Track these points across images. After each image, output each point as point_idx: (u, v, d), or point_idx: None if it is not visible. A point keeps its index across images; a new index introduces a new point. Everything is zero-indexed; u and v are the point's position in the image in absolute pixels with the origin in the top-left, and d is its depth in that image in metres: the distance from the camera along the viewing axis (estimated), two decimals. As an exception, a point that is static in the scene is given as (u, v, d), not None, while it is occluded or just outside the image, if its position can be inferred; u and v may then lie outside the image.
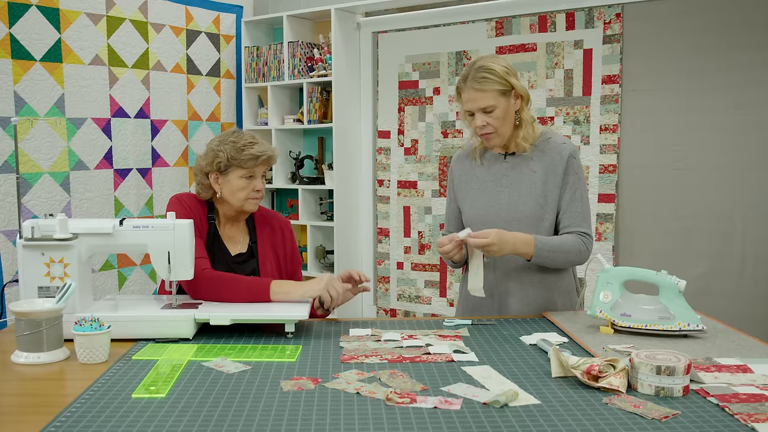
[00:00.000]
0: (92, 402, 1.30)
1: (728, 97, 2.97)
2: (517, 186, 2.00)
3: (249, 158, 1.98)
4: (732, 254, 2.99)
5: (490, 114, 1.92)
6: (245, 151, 1.98)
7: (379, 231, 4.01)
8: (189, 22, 3.76)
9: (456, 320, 1.91)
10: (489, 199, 2.03)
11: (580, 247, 1.95)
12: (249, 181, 2.00)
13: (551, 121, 3.37)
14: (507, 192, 2.01)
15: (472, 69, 1.94)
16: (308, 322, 1.88)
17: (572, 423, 1.19)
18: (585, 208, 1.99)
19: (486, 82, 1.90)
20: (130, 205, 3.50)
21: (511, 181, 2.01)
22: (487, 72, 1.91)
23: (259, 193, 2.02)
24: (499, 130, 1.96)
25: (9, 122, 2.93)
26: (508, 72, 1.93)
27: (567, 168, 1.97)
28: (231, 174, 1.99)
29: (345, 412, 1.25)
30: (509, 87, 1.92)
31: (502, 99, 1.92)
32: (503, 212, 2.00)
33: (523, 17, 3.42)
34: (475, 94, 1.92)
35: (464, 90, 1.95)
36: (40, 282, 1.71)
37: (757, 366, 1.47)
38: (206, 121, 3.91)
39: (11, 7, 2.93)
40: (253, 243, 2.09)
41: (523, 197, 1.99)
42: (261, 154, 1.99)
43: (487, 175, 2.06)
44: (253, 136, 2.06)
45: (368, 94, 3.96)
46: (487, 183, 2.05)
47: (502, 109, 1.93)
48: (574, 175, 1.98)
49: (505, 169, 2.03)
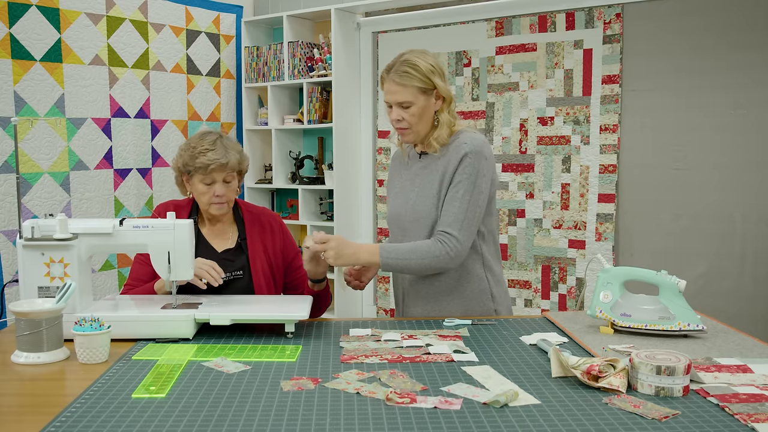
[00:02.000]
0: (92, 402, 1.30)
1: (728, 97, 2.97)
2: (422, 186, 1.97)
3: (200, 166, 1.98)
4: (732, 254, 2.99)
5: (406, 109, 1.89)
6: (198, 158, 1.98)
7: (379, 231, 4.01)
8: (189, 22, 3.76)
9: (456, 320, 1.91)
10: (401, 199, 2.01)
11: (435, 251, 1.84)
12: (209, 187, 2.01)
13: (551, 122, 3.37)
14: (416, 192, 1.98)
15: (398, 61, 1.91)
16: (308, 322, 1.88)
17: (572, 423, 1.19)
18: (463, 209, 1.86)
19: (407, 77, 1.87)
20: (130, 205, 3.50)
21: (422, 180, 1.98)
22: (410, 67, 1.87)
23: (221, 198, 2.01)
24: (414, 127, 1.92)
25: (9, 122, 2.93)
26: (434, 71, 1.89)
27: (458, 166, 1.88)
28: (194, 178, 2.02)
29: (345, 412, 1.24)
30: (431, 86, 1.89)
31: (421, 96, 1.89)
32: (409, 212, 1.98)
33: (523, 17, 3.42)
34: (395, 87, 1.88)
35: (386, 80, 1.92)
36: (40, 282, 1.71)
37: (757, 366, 1.46)
38: (206, 121, 3.91)
39: (11, 7, 2.93)
40: (242, 240, 2.10)
41: (423, 197, 1.95)
42: (211, 162, 1.97)
43: (407, 175, 2.04)
44: (215, 141, 2.02)
45: (368, 94, 3.96)
46: (405, 182, 2.03)
47: (419, 107, 1.89)
48: (463, 174, 1.87)
49: (419, 168, 2.00)
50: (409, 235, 1.97)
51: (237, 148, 2.07)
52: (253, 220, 2.13)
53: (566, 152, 3.34)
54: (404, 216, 1.99)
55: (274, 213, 2.23)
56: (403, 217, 1.99)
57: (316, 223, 3.98)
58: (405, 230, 1.99)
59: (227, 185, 2.03)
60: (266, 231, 2.14)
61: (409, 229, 1.97)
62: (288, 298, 2.04)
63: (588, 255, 3.29)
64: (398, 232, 2.03)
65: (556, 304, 3.40)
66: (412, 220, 1.96)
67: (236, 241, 2.10)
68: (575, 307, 2.03)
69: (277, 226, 2.17)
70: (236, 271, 2.06)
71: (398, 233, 2.03)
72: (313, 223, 3.97)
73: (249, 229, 2.11)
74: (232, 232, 2.13)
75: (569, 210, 3.33)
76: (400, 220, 2.01)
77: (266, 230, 2.14)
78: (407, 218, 1.98)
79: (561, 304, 3.38)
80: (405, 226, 1.98)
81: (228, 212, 2.09)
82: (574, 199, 3.32)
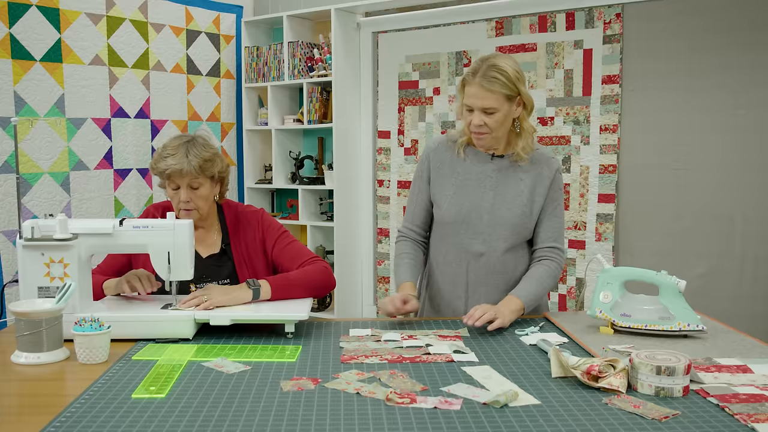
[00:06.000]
0: (92, 402, 1.30)
1: (728, 97, 2.97)
2: (503, 190, 1.96)
3: (159, 171, 1.93)
4: (732, 254, 2.99)
5: (490, 115, 1.86)
6: (158, 162, 1.93)
7: (379, 231, 4.01)
8: (189, 22, 3.76)
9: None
10: (472, 198, 1.97)
11: (554, 272, 1.97)
12: (175, 192, 1.95)
13: (551, 122, 3.37)
14: (491, 195, 1.97)
15: (484, 64, 1.85)
16: (308, 322, 1.88)
17: (572, 423, 1.19)
18: (562, 224, 2.01)
19: (495, 82, 1.82)
20: (130, 205, 3.50)
21: (496, 183, 1.97)
22: (499, 73, 1.83)
23: (188, 204, 1.94)
24: (494, 133, 1.90)
25: (9, 122, 2.93)
26: (519, 78, 1.86)
27: (554, 182, 1.98)
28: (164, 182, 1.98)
29: (345, 413, 1.24)
30: (516, 93, 1.86)
31: (506, 103, 1.86)
32: (486, 215, 1.96)
33: (523, 17, 3.42)
34: (481, 91, 1.84)
35: (471, 84, 1.86)
36: (40, 282, 1.71)
37: (757, 366, 1.46)
38: (206, 121, 3.91)
39: (11, 7, 2.93)
40: (226, 245, 2.04)
41: (508, 203, 1.95)
42: (167, 168, 1.90)
43: (470, 173, 1.99)
44: (179, 146, 1.94)
45: (368, 94, 3.96)
46: (469, 181, 1.99)
47: (503, 114, 1.86)
48: (559, 191, 2.00)
49: (491, 170, 1.98)
50: (488, 239, 1.96)
51: (204, 154, 1.94)
52: (236, 223, 2.07)
53: (566, 152, 3.34)
54: (480, 218, 1.97)
55: (256, 208, 2.13)
56: (479, 220, 1.97)
57: (316, 223, 3.98)
58: (479, 232, 1.97)
59: (194, 191, 1.94)
60: (248, 229, 2.06)
61: (486, 232, 1.96)
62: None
63: (588, 255, 3.29)
64: (467, 233, 1.98)
65: (556, 304, 3.40)
66: (490, 223, 1.96)
67: (220, 246, 2.05)
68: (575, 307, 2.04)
69: (255, 220, 2.08)
70: (223, 279, 2.02)
71: (467, 234, 1.98)
72: (313, 223, 3.97)
73: (232, 233, 2.05)
74: (216, 236, 2.06)
75: (569, 210, 3.33)
76: (471, 221, 1.97)
77: (248, 228, 2.06)
78: (484, 220, 1.96)
79: (561, 304, 3.39)
80: (480, 229, 1.96)
81: (200, 218, 2.00)
82: (574, 200, 3.33)
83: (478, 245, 1.96)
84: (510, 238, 1.96)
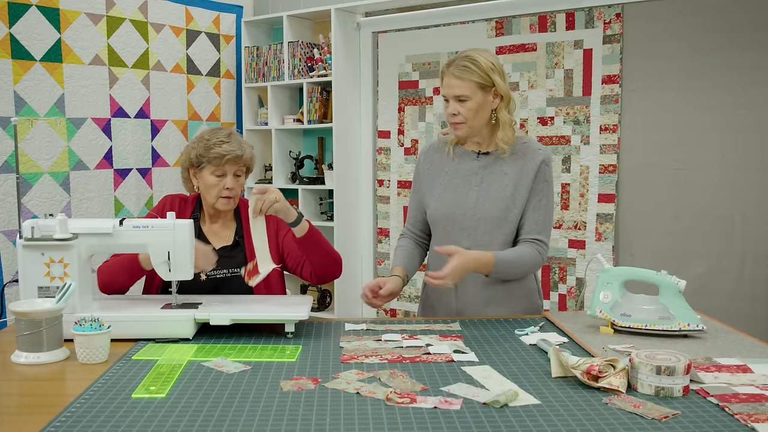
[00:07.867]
0: (92, 402, 1.30)
1: (728, 97, 2.97)
2: (487, 186, 1.98)
3: (215, 156, 2.03)
4: (732, 254, 2.99)
5: (463, 103, 1.91)
6: (213, 149, 2.03)
7: (379, 231, 4.01)
8: (189, 22, 3.76)
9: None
10: (457, 196, 2.01)
11: (536, 258, 1.95)
12: (220, 179, 2.05)
13: (551, 122, 3.37)
14: (476, 191, 1.99)
15: (459, 57, 1.93)
16: (308, 322, 1.88)
17: (572, 423, 1.19)
18: (547, 216, 1.99)
19: (466, 71, 1.89)
20: (130, 205, 3.50)
21: (481, 180, 1.99)
22: (470, 62, 1.90)
23: (231, 191, 2.06)
24: (469, 123, 1.93)
25: (9, 122, 2.92)
26: (494, 69, 1.91)
27: (538, 173, 1.96)
28: (204, 170, 2.06)
29: (345, 412, 1.25)
30: (490, 83, 1.90)
31: (479, 92, 1.90)
32: (470, 211, 1.98)
33: (523, 17, 3.42)
34: (454, 80, 1.91)
35: (445, 75, 1.95)
36: (40, 282, 1.71)
37: (757, 366, 1.47)
38: (206, 121, 3.91)
39: (11, 7, 2.93)
40: (239, 237, 2.12)
41: (491, 197, 1.97)
42: (226, 153, 2.03)
43: (457, 172, 2.03)
44: (230, 134, 2.09)
45: (368, 94, 3.95)
46: (456, 180, 2.02)
47: (476, 102, 1.90)
48: (544, 182, 1.97)
49: (476, 167, 2.01)
50: (473, 234, 1.97)
51: (249, 144, 2.14)
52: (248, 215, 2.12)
53: (566, 152, 3.34)
54: (464, 214, 1.99)
55: None
56: (462, 216, 1.99)
57: (317, 223, 3.98)
58: (464, 228, 1.98)
59: (236, 179, 2.07)
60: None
61: (471, 228, 1.97)
62: (288, 298, 2.04)
63: (588, 255, 3.29)
64: (454, 230, 2.00)
65: (556, 304, 3.40)
66: (474, 219, 1.97)
67: (233, 238, 2.12)
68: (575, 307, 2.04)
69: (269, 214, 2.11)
70: (234, 268, 2.06)
71: (454, 231, 2.00)
72: (313, 223, 3.95)
73: (246, 226, 2.10)
74: (231, 229, 2.14)
75: (569, 210, 3.33)
76: (456, 217, 1.99)
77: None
78: (468, 217, 1.98)
79: (561, 304, 3.38)
80: (465, 225, 1.98)
81: (233, 207, 2.12)
82: (574, 199, 3.32)
83: (464, 241, 1.97)
84: (495, 233, 1.96)
